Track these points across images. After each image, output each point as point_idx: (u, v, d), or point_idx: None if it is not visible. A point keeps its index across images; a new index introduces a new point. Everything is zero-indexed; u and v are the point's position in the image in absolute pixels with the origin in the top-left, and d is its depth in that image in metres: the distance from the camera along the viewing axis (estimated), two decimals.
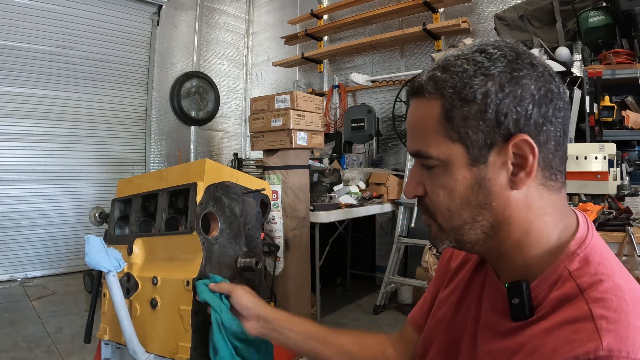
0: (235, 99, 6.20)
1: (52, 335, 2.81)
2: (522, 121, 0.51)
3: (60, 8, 4.38)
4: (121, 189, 1.36)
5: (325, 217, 2.82)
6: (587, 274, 0.50)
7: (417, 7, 4.11)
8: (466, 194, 0.55)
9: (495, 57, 0.53)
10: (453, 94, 0.53)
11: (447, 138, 0.54)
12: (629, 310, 0.46)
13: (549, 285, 0.52)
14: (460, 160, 0.54)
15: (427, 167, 0.58)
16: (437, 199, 0.57)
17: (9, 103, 4.14)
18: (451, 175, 0.55)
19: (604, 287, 0.48)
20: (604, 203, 2.05)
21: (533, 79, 0.52)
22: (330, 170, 3.44)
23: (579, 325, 0.46)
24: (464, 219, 0.56)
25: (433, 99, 0.55)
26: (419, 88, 0.57)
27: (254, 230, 1.21)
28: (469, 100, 0.52)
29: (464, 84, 0.53)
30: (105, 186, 4.68)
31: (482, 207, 0.55)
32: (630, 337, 0.43)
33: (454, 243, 0.59)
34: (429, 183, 0.58)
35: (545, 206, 0.55)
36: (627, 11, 2.75)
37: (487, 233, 0.56)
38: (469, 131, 0.53)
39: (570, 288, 0.50)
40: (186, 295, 1.01)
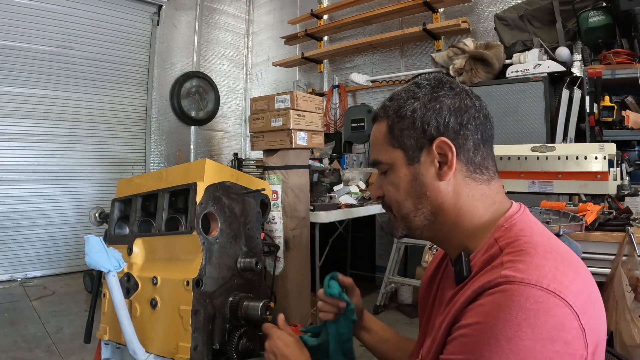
0: (235, 99, 6.20)
1: (52, 335, 2.81)
2: (442, 128, 0.68)
3: (60, 8, 4.38)
4: (121, 189, 1.36)
5: (325, 217, 2.82)
6: (508, 237, 0.63)
7: (417, 7, 4.11)
8: (407, 187, 0.72)
9: (422, 85, 0.72)
10: (393, 114, 0.72)
11: (391, 146, 0.73)
12: (535, 255, 0.57)
13: (482, 253, 0.65)
14: (401, 162, 0.72)
15: (383, 172, 0.75)
16: (388, 194, 0.75)
17: (9, 103, 4.14)
18: (396, 174, 0.73)
19: (518, 242, 0.61)
20: (604, 203, 2.05)
21: (449, 97, 0.69)
22: (330, 170, 3.44)
23: (494, 267, 0.59)
24: (409, 208, 0.72)
25: (383, 121, 0.75)
26: (375, 115, 0.77)
27: (254, 230, 1.21)
28: (403, 117, 0.71)
29: (400, 106, 0.72)
30: (105, 186, 4.68)
31: (420, 196, 0.71)
32: (528, 270, 0.55)
33: (406, 230, 0.75)
34: (384, 184, 0.76)
35: (474, 194, 0.69)
36: (627, 11, 2.75)
37: (428, 219, 0.71)
38: (405, 139, 0.71)
39: (494, 250, 0.63)
40: (186, 295, 1.01)
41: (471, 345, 0.55)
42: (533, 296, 0.52)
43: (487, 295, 0.56)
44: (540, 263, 0.56)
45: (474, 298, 0.58)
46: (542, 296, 0.52)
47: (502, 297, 0.54)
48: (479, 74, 3.40)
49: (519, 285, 0.53)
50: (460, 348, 0.57)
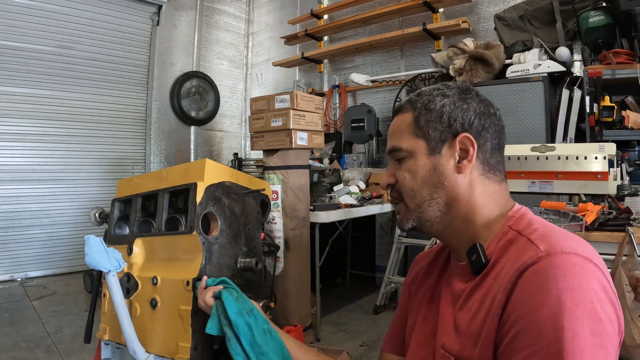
0: (235, 99, 6.19)
1: (52, 335, 2.81)
2: (466, 125, 0.73)
3: (60, 8, 4.38)
4: (121, 189, 1.36)
5: (325, 217, 2.82)
6: (522, 224, 0.68)
7: (417, 7, 4.11)
8: (425, 175, 0.74)
9: (452, 87, 0.77)
10: (421, 107, 0.76)
11: (414, 135, 0.75)
12: (557, 233, 0.62)
13: (496, 240, 0.69)
14: (422, 151, 0.74)
15: (399, 160, 0.77)
16: (404, 181, 0.76)
17: (9, 103, 4.14)
18: (415, 162, 0.74)
19: (535, 227, 0.66)
20: (604, 203, 2.05)
21: (476, 101, 0.75)
22: (330, 170, 3.44)
23: (522, 248, 0.62)
24: (424, 196, 0.74)
25: (408, 112, 0.78)
26: (400, 107, 0.80)
27: (254, 230, 1.21)
28: (431, 110, 0.75)
29: (429, 100, 0.76)
30: (105, 186, 4.68)
31: (437, 185, 0.73)
32: (560, 242, 0.59)
33: (417, 221, 0.75)
34: (399, 171, 0.77)
35: (487, 190, 0.73)
36: (627, 11, 2.75)
37: (442, 210, 0.73)
38: (430, 130, 0.74)
39: (511, 235, 0.67)
40: (186, 295, 1.01)
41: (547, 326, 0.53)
42: (578, 263, 0.56)
43: (533, 272, 0.57)
44: (566, 239, 0.60)
45: (516, 280, 0.58)
46: (584, 262, 0.56)
47: (551, 268, 0.56)
48: (479, 74, 3.40)
49: (562, 254, 0.57)
50: (535, 333, 0.54)
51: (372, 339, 2.85)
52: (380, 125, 4.43)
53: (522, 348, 0.54)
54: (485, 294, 0.64)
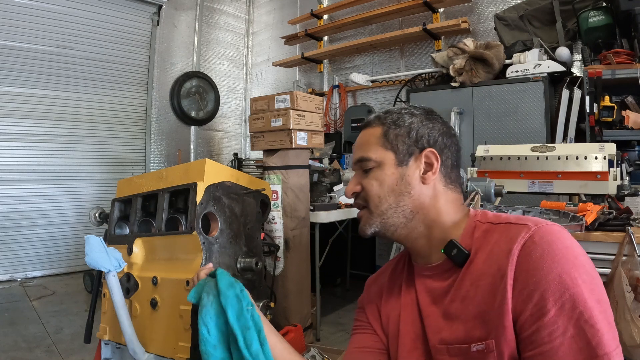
0: (235, 99, 6.20)
1: (52, 335, 2.81)
2: (432, 141, 0.81)
3: (60, 8, 4.38)
4: (121, 189, 1.36)
5: (325, 217, 2.82)
6: (489, 217, 0.77)
7: (417, 7, 4.11)
8: (392, 184, 0.79)
9: (417, 108, 0.85)
10: (390, 122, 0.83)
11: (382, 147, 0.82)
12: (526, 217, 0.72)
13: (469, 233, 0.76)
14: (390, 162, 0.80)
15: (365, 170, 0.82)
16: (371, 189, 0.81)
17: (9, 103, 4.14)
18: (383, 172, 0.80)
19: (504, 216, 0.75)
20: (604, 203, 2.05)
21: (440, 122, 0.84)
22: (330, 170, 3.44)
23: (507, 231, 0.70)
24: (389, 204, 0.79)
25: (377, 127, 0.84)
26: (368, 122, 0.86)
27: (254, 230, 1.21)
28: (400, 126, 0.82)
29: (397, 117, 0.83)
30: (105, 186, 4.68)
31: (403, 194, 0.79)
32: (537, 220, 0.69)
33: (380, 227, 0.80)
34: (366, 180, 0.82)
35: (449, 199, 0.81)
36: (627, 11, 2.75)
37: (407, 217, 0.79)
38: (398, 143, 0.81)
39: (485, 227, 0.75)
40: (186, 295, 1.01)
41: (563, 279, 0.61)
42: (559, 229, 0.67)
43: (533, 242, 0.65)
44: (535, 217, 0.71)
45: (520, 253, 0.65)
46: (560, 228, 0.68)
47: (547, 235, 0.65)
48: (479, 74, 3.40)
49: (547, 226, 0.67)
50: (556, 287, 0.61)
51: None
52: None
53: (552, 304, 0.61)
54: (477, 278, 0.70)
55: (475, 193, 1.73)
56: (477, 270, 0.70)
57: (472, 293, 0.70)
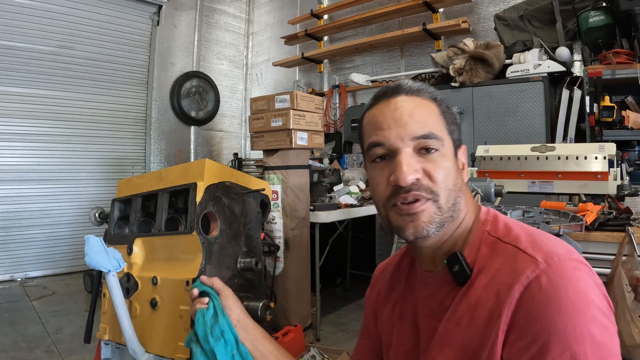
0: (235, 99, 6.19)
1: (52, 335, 2.81)
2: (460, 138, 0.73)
3: (60, 8, 4.38)
4: (121, 189, 1.36)
5: (325, 217, 2.82)
6: (500, 228, 0.67)
7: (417, 7, 4.11)
8: (454, 177, 0.68)
9: None
10: (442, 102, 0.71)
11: (446, 130, 0.69)
12: (541, 237, 0.62)
13: (475, 247, 0.66)
14: (451, 149, 0.69)
15: (426, 152, 0.66)
16: (440, 178, 0.66)
17: (9, 103, 4.14)
18: (447, 160, 0.68)
19: (515, 231, 0.65)
20: (604, 203, 2.05)
21: None
22: (330, 170, 3.44)
23: (513, 258, 0.60)
24: (455, 198, 0.68)
25: (429, 100, 0.70)
26: (414, 90, 0.70)
27: (254, 230, 1.21)
28: (451, 111, 0.71)
29: (445, 99, 0.72)
30: (105, 186, 4.68)
31: (460, 189, 0.69)
32: (552, 250, 0.59)
33: (438, 227, 0.66)
34: (431, 165, 0.66)
35: (469, 198, 0.72)
36: (627, 11, 2.75)
37: (454, 216, 0.68)
38: (453, 130, 0.70)
39: (492, 242, 0.65)
40: (186, 295, 1.01)
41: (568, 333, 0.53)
42: (575, 267, 0.57)
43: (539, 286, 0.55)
44: (551, 241, 0.61)
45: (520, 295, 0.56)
46: (578, 265, 0.57)
47: (556, 278, 0.55)
48: (479, 74, 3.40)
49: (560, 262, 0.57)
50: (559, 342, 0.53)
51: None
52: None
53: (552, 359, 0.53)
54: (474, 305, 0.61)
55: (475, 193, 1.73)
56: (476, 296, 0.62)
57: (465, 321, 0.62)
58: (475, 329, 0.60)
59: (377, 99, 0.72)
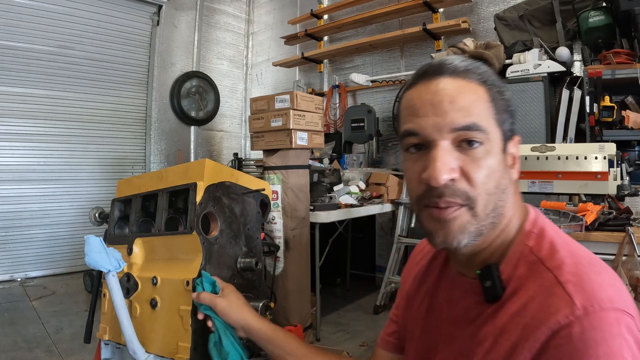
0: (235, 99, 6.20)
1: (52, 335, 2.81)
2: (513, 127, 0.62)
3: (60, 8, 4.38)
4: (121, 189, 1.36)
5: (325, 217, 2.82)
6: (544, 247, 0.57)
7: (417, 7, 4.11)
8: (499, 177, 0.58)
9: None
10: (493, 87, 0.59)
11: (494, 120, 0.58)
12: (587, 271, 0.52)
13: (513, 263, 0.58)
14: (499, 144, 0.58)
15: (467, 145, 0.56)
16: (480, 180, 0.56)
17: (9, 103, 4.14)
18: (492, 157, 0.57)
19: (560, 255, 0.55)
20: (604, 203, 2.05)
21: None
22: (330, 170, 3.44)
23: (550, 291, 0.52)
24: (495, 205, 0.58)
25: (477, 84, 0.58)
26: (459, 70, 0.59)
27: (254, 230, 1.21)
28: (503, 97, 0.60)
29: (499, 82, 0.60)
30: (105, 186, 4.68)
31: (504, 192, 0.59)
32: (596, 293, 0.50)
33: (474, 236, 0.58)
34: (470, 164, 0.56)
35: (517, 199, 0.63)
36: (627, 11, 2.75)
37: (495, 222, 0.59)
38: (504, 119, 0.59)
39: (533, 262, 0.56)
40: (186, 295, 1.01)
41: None
42: (616, 319, 0.48)
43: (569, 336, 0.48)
44: (599, 280, 0.51)
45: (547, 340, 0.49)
46: (621, 316, 0.49)
47: (590, 332, 0.47)
48: None
49: (601, 313, 0.48)
50: None
51: (372, 339, 2.85)
52: (380, 125, 4.43)
53: None
54: (500, 331, 0.55)
55: None
56: (503, 321, 0.55)
57: (487, 344, 0.56)
58: (495, 357, 0.55)
59: (417, 78, 0.61)
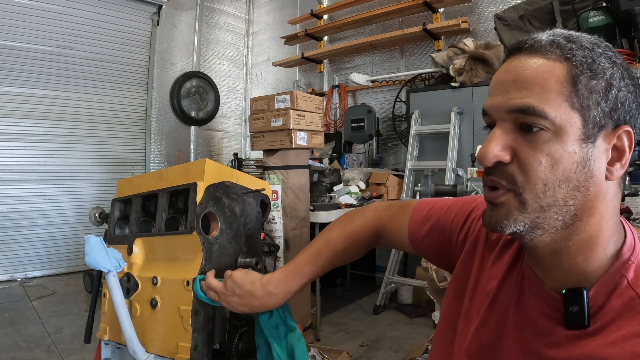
0: (235, 99, 6.20)
1: (52, 335, 2.81)
2: (629, 115, 0.52)
3: (60, 8, 4.38)
4: (121, 189, 1.36)
5: (325, 217, 2.82)
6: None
7: (417, 7, 4.11)
8: (570, 170, 0.50)
9: (614, 51, 0.53)
10: (583, 63, 0.51)
11: (568, 103, 0.50)
12: None
13: (606, 293, 0.51)
14: (575, 132, 0.50)
15: (527, 129, 0.51)
16: (536, 167, 0.51)
17: (9, 103, 4.14)
18: (561, 145, 0.50)
19: None
20: None
21: (637, 86, 0.53)
22: (330, 170, 3.44)
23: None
24: (556, 199, 0.51)
25: (556, 61, 0.51)
26: (539, 46, 0.53)
27: (254, 230, 1.21)
28: (598, 75, 0.50)
29: (593, 58, 0.51)
30: (105, 186, 4.68)
31: (579, 189, 0.51)
32: None
33: (527, 227, 0.53)
34: (527, 148, 0.51)
35: (617, 206, 0.53)
36: (627, 11, 2.75)
37: (566, 221, 0.52)
38: (591, 104, 0.50)
39: (630, 298, 0.49)
40: (186, 295, 1.01)
41: None
42: None
43: None
44: None
45: None
46: None
47: None
48: (479, 74, 3.40)
49: None
50: None
51: (372, 339, 2.85)
52: (380, 125, 4.43)
53: None
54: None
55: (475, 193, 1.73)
56: (579, 355, 0.49)
57: None
58: None
59: (505, 57, 0.58)
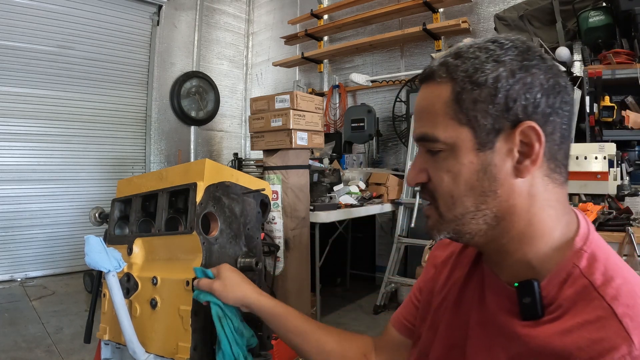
0: (235, 99, 6.20)
1: (52, 335, 2.81)
2: (530, 108, 0.52)
3: (60, 8, 4.38)
4: (121, 189, 1.36)
5: (325, 217, 2.82)
6: (597, 271, 0.50)
7: (417, 7, 4.11)
8: (471, 180, 0.54)
9: (507, 47, 0.54)
10: (464, 78, 0.53)
11: (455, 121, 0.54)
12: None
13: (559, 282, 0.52)
14: (467, 144, 0.54)
15: (432, 152, 0.57)
16: (441, 183, 0.56)
17: (9, 103, 4.14)
18: (457, 160, 0.54)
19: (616, 283, 0.48)
20: (604, 203, 2.05)
21: (542, 70, 0.53)
22: (330, 170, 3.44)
23: (603, 323, 0.46)
24: (466, 207, 0.55)
25: (444, 83, 0.55)
26: (430, 73, 0.57)
27: (254, 230, 1.21)
28: (480, 84, 0.52)
29: (475, 68, 0.53)
30: (105, 186, 4.68)
31: (487, 194, 0.54)
32: None
33: (453, 234, 0.58)
34: (433, 168, 0.57)
35: (549, 198, 0.55)
36: (627, 11, 2.75)
37: (489, 223, 0.55)
38: (478, 114, 0.53)
39: (583, 286, 0.49)
40: (186, 295, 1.01)
41: None
42: None
43: None
44: None
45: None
46: None
47: None
48: None
49: None
50: None
51: None
52: (380, 125, 4.43)
53: None
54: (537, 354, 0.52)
55: None
56: (537, 345, 0.50)
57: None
58: None
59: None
